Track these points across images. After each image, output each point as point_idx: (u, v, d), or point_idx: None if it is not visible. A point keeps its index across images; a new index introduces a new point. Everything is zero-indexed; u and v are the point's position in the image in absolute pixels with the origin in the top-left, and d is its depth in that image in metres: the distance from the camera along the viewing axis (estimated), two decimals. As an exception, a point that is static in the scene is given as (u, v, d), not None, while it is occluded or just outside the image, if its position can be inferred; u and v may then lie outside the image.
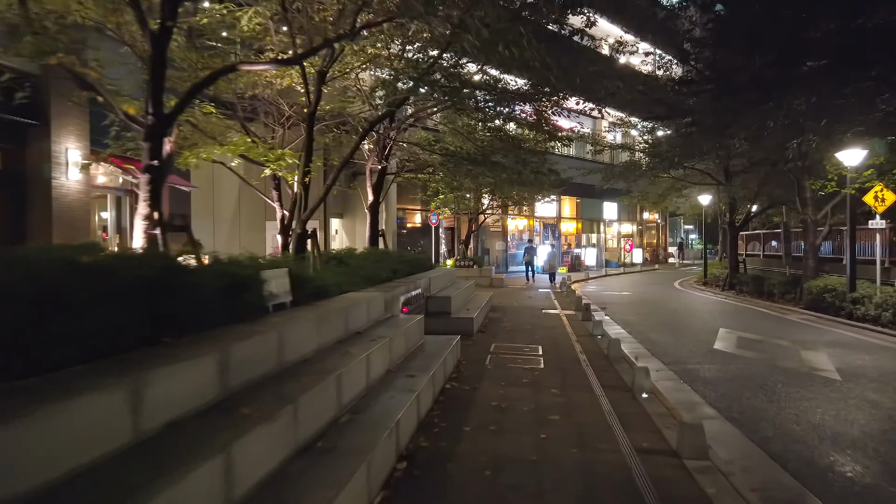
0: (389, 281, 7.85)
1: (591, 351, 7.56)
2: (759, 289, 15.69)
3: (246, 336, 3.20)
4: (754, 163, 16.84)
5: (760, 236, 19.06)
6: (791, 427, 4.79)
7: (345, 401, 3.64)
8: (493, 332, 8.97)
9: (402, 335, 5.53)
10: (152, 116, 4.64)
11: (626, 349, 7.68)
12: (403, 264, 9.31)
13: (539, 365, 6.65)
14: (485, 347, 7.62)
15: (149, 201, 4.59)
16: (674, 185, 19.58)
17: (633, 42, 16.08)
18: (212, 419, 2.55)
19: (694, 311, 13.18)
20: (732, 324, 10.82)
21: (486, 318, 10.54)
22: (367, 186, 11.11)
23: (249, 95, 9.64)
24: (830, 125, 9.23)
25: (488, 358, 6.95)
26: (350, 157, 7.28)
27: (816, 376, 6.57)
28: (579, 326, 9.80)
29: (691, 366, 7.13)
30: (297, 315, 4.15)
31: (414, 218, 22.40)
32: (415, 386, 4.41)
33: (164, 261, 3.75)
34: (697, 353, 8.00)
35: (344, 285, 6.14)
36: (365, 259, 8.62)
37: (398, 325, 5.75)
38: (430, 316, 8.68)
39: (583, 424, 4.46)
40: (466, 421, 4.43)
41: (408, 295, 7.49)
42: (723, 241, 33.50)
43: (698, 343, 8.75)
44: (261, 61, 6.42)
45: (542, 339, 8.37)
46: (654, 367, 6.99)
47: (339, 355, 4.03)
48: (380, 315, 5.92)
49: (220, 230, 18.24)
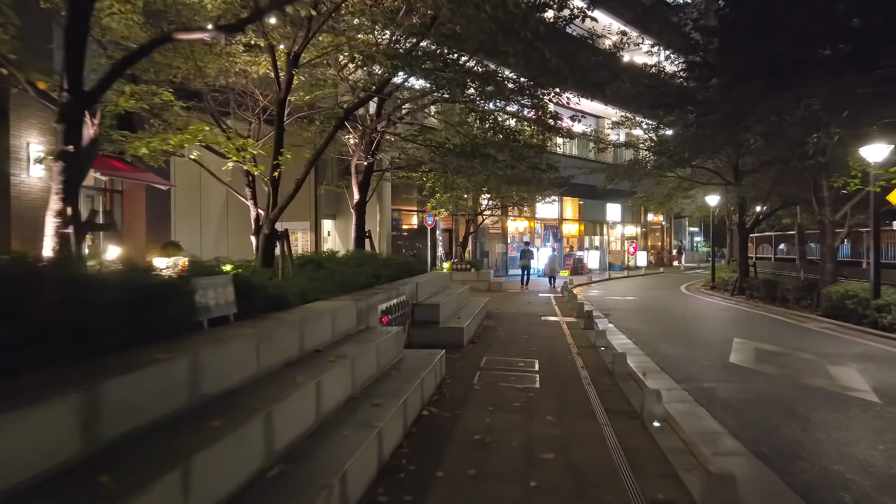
0: (370, 287, 7.08)
1: (594, 366, 6.75)
2: (772, 294, 14.84)
3: (139, 365, 2.42)
4: (766, 161, 16.03)
5: (772, 238, 18.20)
6: (834, 467, 3.98)
7: (278, 446, 2.85)
8: (486, 343, 8.17)
9: (373, 352, 4.75)
10: (67, 94, 3.88)
11: (633, 363, 6.88)
12: (389, 268, 8.54)
13: (534, 384, 5.85)
14: (475, 362, 6.82)
15: (62, 195, 3.82)
16: (680, 185, 18.74)
17: (637, 37, 15.37)
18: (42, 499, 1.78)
19: (704, 319, 12.35)
20: (747, 333, 10.00)
21: (480, 326, 9.75)
22: (352, 184, 10.35)
23: (222, 85, 8.90)
24: (855, 116, 8.40)
25: (477, 375, 6.15)
26: (323, 149, 6.52)
27: (851, 398, 5.75)
28: (581, 336, 9.00)
29: (707, 384, 6.31)
30: (232, 333, 3.37)
31: (410, 220, 21.61)
32: (378, 419, 3.62)
33: (55, 268, 2.99)
34: (712, 368, 7.19)
35: (311, 293, 5.37)
36: (345, 263, 7.87)
37: (371, 339, 4.97)
38: (417, 326, 7.90)
39: (582, 466, 3.66)
40: (441, 462, 3.64)
41: (389, 303, 6.70)
42: (731, 243, 32.63)
43: (712, 356, 7.93)
44: (199, 28, 5.64)
45: (539, 352, 7.57)
46: (665, 385, 6.18)
47: (280, 384, 3.25)
48: (350, 327, 5.14)
49: (208, 231, 17.49)
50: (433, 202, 17.92)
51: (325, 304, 5.05)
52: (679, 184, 18.69)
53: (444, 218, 21.74)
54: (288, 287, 5.03)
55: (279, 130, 6.74)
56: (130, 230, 12.97)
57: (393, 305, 6.88)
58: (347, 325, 5.08)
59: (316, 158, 6.62)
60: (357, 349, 4.46)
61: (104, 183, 12.25)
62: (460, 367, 6.48)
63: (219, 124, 8.21)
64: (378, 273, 7.97)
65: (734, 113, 9.03)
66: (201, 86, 8.11)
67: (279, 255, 6.60)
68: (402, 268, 9.26)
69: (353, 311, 5.27)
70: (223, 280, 3.84)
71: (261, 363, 3.40)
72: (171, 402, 2.52)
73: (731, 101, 8.91)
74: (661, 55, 15.53)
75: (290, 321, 4.02)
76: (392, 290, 7.05)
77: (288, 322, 3.99)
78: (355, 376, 4.19)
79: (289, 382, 3.29)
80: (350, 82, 8.87)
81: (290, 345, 3.88)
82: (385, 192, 18.59)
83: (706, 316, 12.84)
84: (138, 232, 12.98)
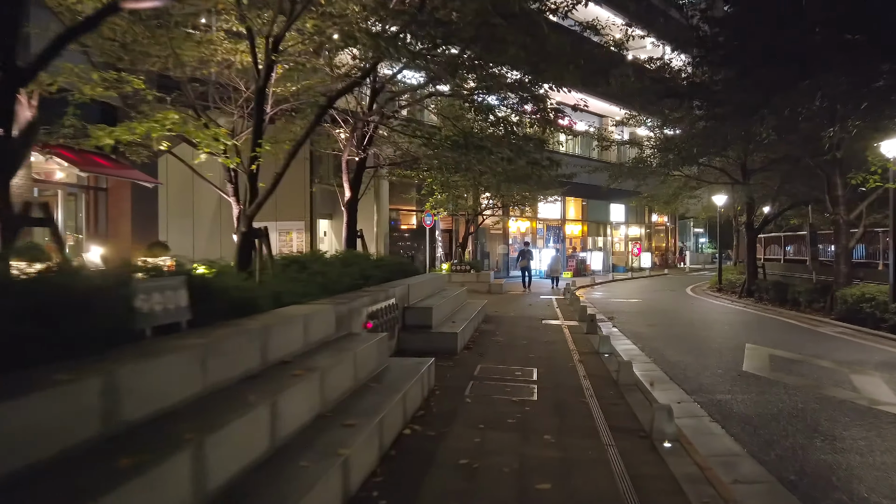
0: (357, 289, 6.59)
1: (597, 375, 6.24)
2: (782, 296, 14.28)
3: (24, 391, 1.93)
4: (775, 159, 15.49)
5: (781, 239, 17.63)
6: (877, 500, 3.46)
7: (214, 484, 2.35)
8: (482, 350, 7.67)
9: (351, 362, 4.25)
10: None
11: (640, 371, 6.38)
12: (380, 269, 8.04)
13: (531, 395, 5.34)
14: (468, 370, 6.32)
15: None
16: (686, 184, 18.18)
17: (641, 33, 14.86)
18: None
19: (712, 322, 11.81)
20: (759, 338, 9.47)
21: (477, 330, 9.25)
22: (343, 181, 9.87)
23: (204, 75, 8.44)
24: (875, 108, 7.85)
25: (469, 386, 5.64)
26: (304, 139, 6.03)
27: (882, 413, 5.22)
28: (583, 341, 8.49)
29: (720, 395, 5.79)
30: (174, 344, 2.88)
31: (410, 220, 21.12)
32: (347, 444, 3.12)
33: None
34: (725, 377, 6.67)
35: (287, 296, 4.89)
36: (331, 264, 7.39)
37: (350, 347, 4.47)
38: (408, 331, 7.40)
39: (584, 500, 3.16)
40: (418, 495, 3.13)
41: (375, 306, 6.21)
42: (737, 244, 32.00)
43: (724, 363, 7.41)
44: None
45: (538, 359, 7.07)
46: (675, 397, 5.67)
47: (227, 404, 2.76)
48: (328, 335, 4.65)
49: (201, 230, 17.03)
50: (431, 202, 17.44)
51: (299, 309, 4.56)
52: (685, 182, 18.13)
53: (443, 218, 21.25)
54: (259, 290, 4.55)
55: (258, 121, 6.26)
56: (115, 230, 12.53)
57: (380, 309, 6.39)
58: (324, 332, 4.59)
59: (297, 149, 6.13)
60: (331, 360, 3.97)
61: (87, 180, 11.83)
62: (452, 377, 5.97)
63: (199, 116, 7.74)
64: (367, 274, 7.48)
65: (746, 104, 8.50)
66: (181, 75, 7.64)
67: (261, 256, 6.13)
68: (395, 269, 8.76)
69: (331, 316, 4.78)
70: (173, 282, 3.35)
71: (208, 379, 2.91)
72: (69, 435, 2.03)
73: (744, 90, 8.39)
74: (666, 49, 15.03)
75: (251, 329, 3.52)
76: (380, 293, 6.56)
77: (249, 330, 3.50)
78: (326, 391, 3.69)
79: (238, 403, 2.80)
80: (339, 72, 8.39)
81: (250, 356, 3.38)
82: (382, 192, 18.11)
83: (714, 319, 12.30)
84: (123, 231, 12.54)
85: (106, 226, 12.46)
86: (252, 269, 6.06)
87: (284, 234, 18.00)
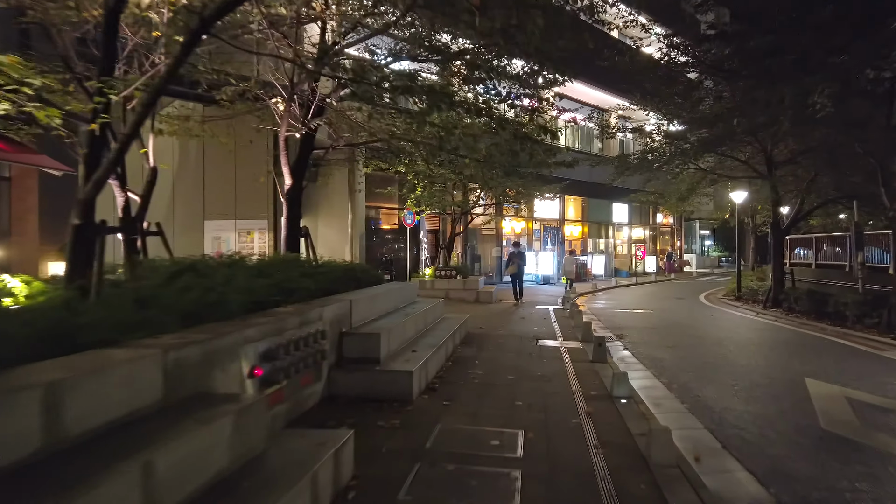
0: (261, 311, 4.46)
1: (616, 443, 4.09)
2: (820, 308, 12.14)
3: None
4: (804, 150, 13.39)
5: (812, 241, 15.49)
6: None
7: None
8: (450, 392, 5.51)
9: (152, 470, 2.10)
10: None
11: (675, 429, 4.21)
12: (314, 279, 5.91)
13: (511, 496, 3.19)
14: (419, 437, 4.15)
15: None
16: (704, 177, 16.04)
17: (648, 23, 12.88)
18: None
19: (745, 343, 9.65)
20: (815, 367, 7.33)
21: (450, 358, 7.10)
22: (282, 165, 7.70)
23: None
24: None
25: (412, 475, 3.48)
26: (167, 79, 3.87)
27: None
28: (589, 374, 6.35)
29: (815, 487, 3.64)
30: None
31: (392, 219, 18.94)
32: None
33: None
34: (803, 441, 4.52)
35: (99, 331, 2.84)
36: (245, 270, 5.29)
37: (157, 440, 2.33)
38: (344, 368, 5.24)
39: None
40: None
41: (276, 340, 4.06)
42: (755, 247, 29.76)
43: (789, 413, 5.27)
44: None
45: (528, 410, 4.92)
46: (745, 491, 3.52)
47: None
48: (140, 405, 2.51)
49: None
50: (413, 198, 15.30)
51: (86, 360, 2.42)
52: (703, 176, 16.00)
53: (430, 217, 19.09)
54: (54, 321, 2.44)
55: (107, 50, 4.13)
56: (20, 228, 10.37)
57: (290, 342, 4.23)
58: (130, 402, 2.46)
59: (155, 97, 3.97)
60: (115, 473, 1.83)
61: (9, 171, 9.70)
62: (388, 453, 3.81)
63: (70, 68, 5.54)
64: (292, 286, 5.36)
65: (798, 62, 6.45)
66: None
67: (101, 263, 3.99)
68: (340, 278, 6.62)
69: (151, 371, 2.65)
70: None
71: None
72: None
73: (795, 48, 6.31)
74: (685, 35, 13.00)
75: None
76: (293, 317, 4.41)
77: None
78: None
79: None
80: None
81: None
82: (358, 186, 15.92)
83: (747, 338, 10.15)
84: (29, 230, 10.39)
85: (9, 224, 10.31)
86: (89, 280, 3.95)
87: (245, 235, 15.85)
